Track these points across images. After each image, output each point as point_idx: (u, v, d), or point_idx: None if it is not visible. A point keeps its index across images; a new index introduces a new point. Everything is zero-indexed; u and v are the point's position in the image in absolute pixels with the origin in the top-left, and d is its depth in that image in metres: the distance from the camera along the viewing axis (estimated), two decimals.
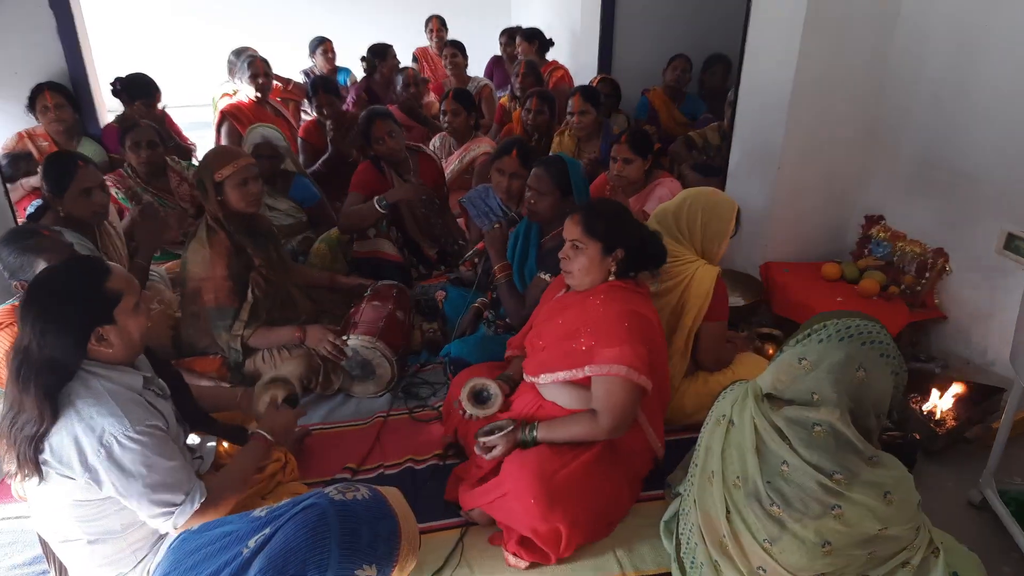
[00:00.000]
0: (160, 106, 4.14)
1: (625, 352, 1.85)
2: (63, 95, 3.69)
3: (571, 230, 2.01)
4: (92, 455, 1.45)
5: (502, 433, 1.96)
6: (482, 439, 1.98)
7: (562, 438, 1.93)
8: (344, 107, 4.47)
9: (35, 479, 1.48)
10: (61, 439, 1.45)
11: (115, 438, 1.45)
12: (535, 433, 1.95)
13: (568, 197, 2.59)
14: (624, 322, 1.89)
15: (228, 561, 1.20)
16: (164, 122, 4.16)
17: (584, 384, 1.95)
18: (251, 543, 1.19)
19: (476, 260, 3.06)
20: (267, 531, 1.19)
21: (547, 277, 2.54)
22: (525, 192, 2.68)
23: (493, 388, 2.17)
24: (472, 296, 2.95)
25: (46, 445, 1.46)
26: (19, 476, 1.48)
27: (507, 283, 2.71)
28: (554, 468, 1.85)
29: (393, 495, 1.27)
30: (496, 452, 1.96)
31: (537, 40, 5.31)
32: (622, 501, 2.02)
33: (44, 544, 1.68)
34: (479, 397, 2.17)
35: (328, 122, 4.06)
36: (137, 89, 3.98)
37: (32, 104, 3.62)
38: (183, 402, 1.75)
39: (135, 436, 1.46)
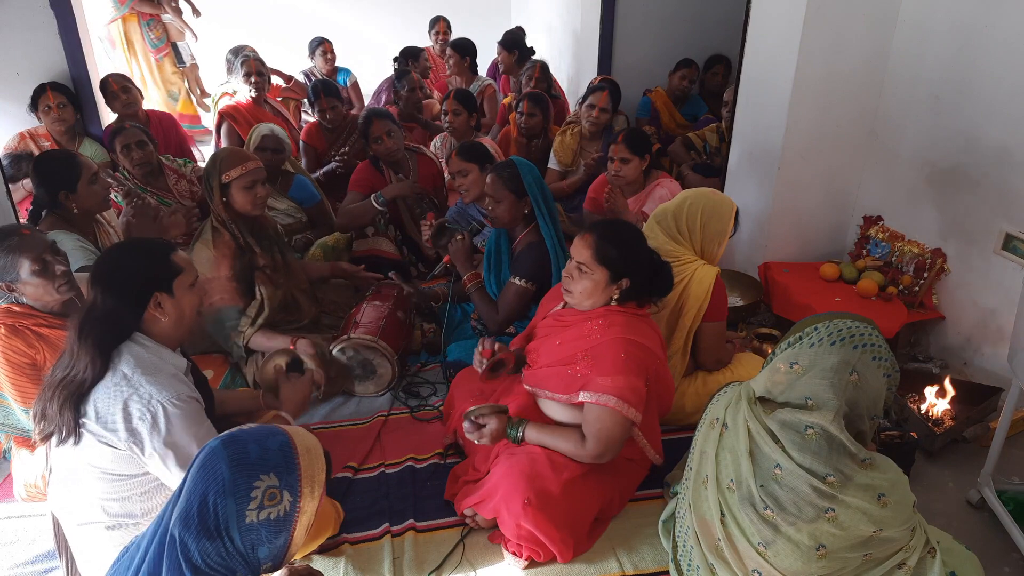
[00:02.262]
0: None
1: (618, 383, 1.82)
2: (65, 95, 3.70)
3: (580, 251, 1.91)
4: (138, 419, 1.52)
5: (492, 414, 1.94)
6: (473, 416, 1.95)
7: (548, 447, 1.92)
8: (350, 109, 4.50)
9: (71, 440, 1.53)
10: (108, 403, 1.52)
11: (161, 404, 1.53)
12: (522, 433, 1.95)
13: (524, 199, 2.60)
14: (621, 352, 1.85)
15: (153, 534, 1.21)
16: (149, 123, 4.16)
17: (579, 404, 1.93)
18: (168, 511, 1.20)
19: (446, 275, 3.06)
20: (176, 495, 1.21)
21: (519, 282, 2.55)
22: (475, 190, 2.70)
23: (506, 367, 2.13)
24: (442, 308, 2.98)
25: (91, 409, 1.53)
26: (55, 438, 1.54)
27: (478, 290, 2.72)
28: (547, 475, 1.85)
29: (287, 426, 1.27)
30: (485, 431, 1.93)
31: (517, 50, 5.31)
32: (611, 511, 2.02)
33: (57, 531, 1.69)
34: (496, 368, 2.11)
35: (343, 151, 4.09)
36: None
37: (34, 104, 3.62)
38: (207, 407, 1.78)
39: (179, 404, 1.55)
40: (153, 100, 5.55)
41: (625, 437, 1.90)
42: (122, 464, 1.56)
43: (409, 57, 5.39)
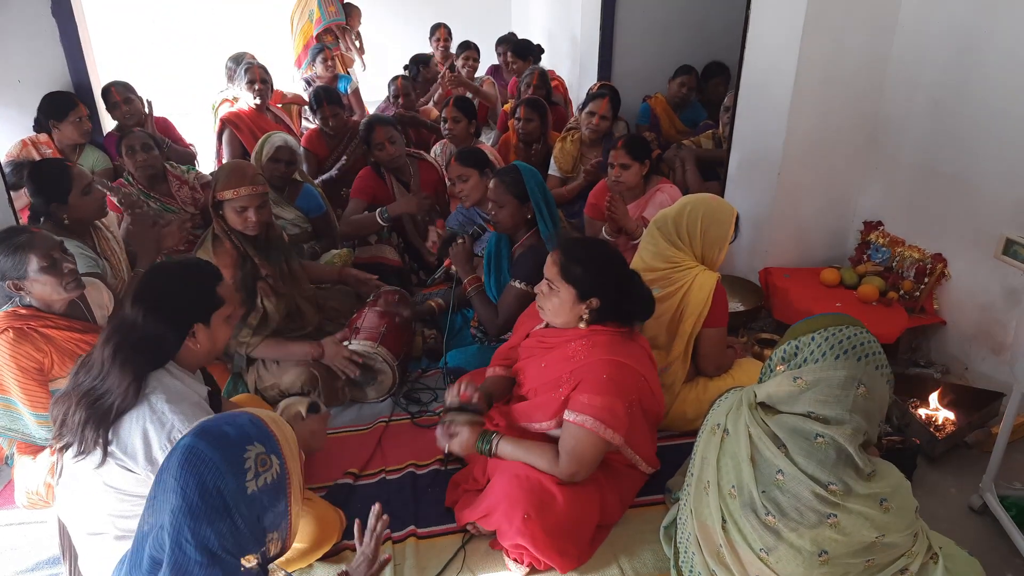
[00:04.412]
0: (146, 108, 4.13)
1: (595, 403, 1.82)
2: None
3: (549, 268, 1.95)
4: (157, 449, 1.51)
5: (467, 424, 1.93)
6: (447, 422, 1.93)
7: (521, 461, 1.89)
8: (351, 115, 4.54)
9: (96, 457, 1.52)
10: (130, 429, 1.52)
11: (182, 435, 1.49)
12: (494, 448, 1.92)
13: (526, 203, 2.60)
14: (603, 373, 1.84)
15: (140, 539, 1.20)
16: (152, 126, 4.17)
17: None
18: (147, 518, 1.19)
19: (447, 280, 3.06)
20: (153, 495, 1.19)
21: (519, 285, 2.55)
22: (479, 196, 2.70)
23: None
24: (443, 314, 2.98)
25: (112, 435, 1.51)
26: (74, 450, 1.53)
27: (478, 294, 2.72)
28: (547, 485, 1.83)
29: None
30: (455, 440, 1.92)
31: (531, 56, 5.38)
32: (611, 518, 2.01)
33: (63, 535, 1.69)
34: (463, 408, 2.08)
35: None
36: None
37: (62, 114, 3.57)
38: None
39: None
40: None
41: (600, 456, 1.89)
42: (139, 486, 1.56)
43: (419, 64, 5.54)
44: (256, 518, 1.15)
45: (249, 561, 1.14)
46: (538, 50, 5.48)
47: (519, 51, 5.38)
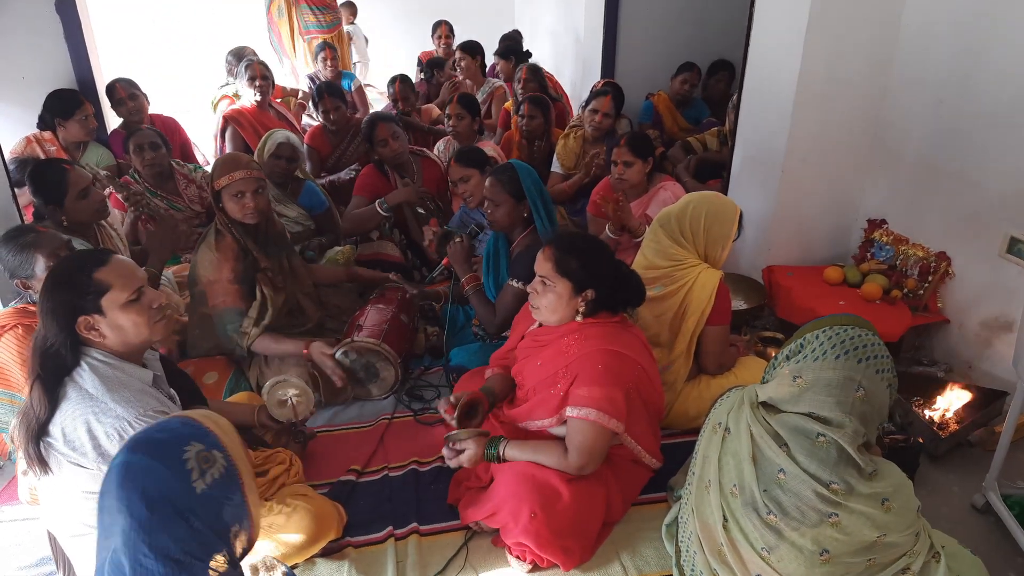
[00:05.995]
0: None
1: (595, 394, 1.82)
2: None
3: (541, 265, 1.93)
4: (105, 439, 1.49)
5: (471, 438, 1.89)
6: (451, 441, 1.90)
7: (530, 461, 1.88)
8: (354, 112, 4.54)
9: (43, 473, 1.51)
10: (73, 424, 1.49)
11: (128, 422, 1.49)
12: (502, 452, 1.89)
13: (523, 202, 2.60)
14: (598, 363, 1.85)
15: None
16: (154, 124, 4.17)
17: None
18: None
19: (447, 279, 3.06)
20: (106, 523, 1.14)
21: (517, 284, 2.55)
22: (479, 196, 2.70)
23: (480, 409, 2.09)
24: (444, 311, 2.98)
25: (57, 431, 1.49)
26: (32, 472, 1.52)
27: (476, 293, 2.73)
28: (553, 482, 1.83)
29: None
30: (463, 457, 1.88)
31: (513, 56, 5.39)
32: (614, 515, 2.00)
33: (53, 541, 1.69)
34: (470, 413, 2.07)
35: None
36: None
37: (68, 113, 3.56)
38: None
39: (147, 421, 1.50)
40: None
41: (607, 448, 1.89)
42: (94, 483, 1.51)
43: (434, 67, 5.61)
44: (215, 516, 1.11)
45: (219, 564, 1.11)
46: (526, 55, 5.49)
47: (502, 53, 5.44)
